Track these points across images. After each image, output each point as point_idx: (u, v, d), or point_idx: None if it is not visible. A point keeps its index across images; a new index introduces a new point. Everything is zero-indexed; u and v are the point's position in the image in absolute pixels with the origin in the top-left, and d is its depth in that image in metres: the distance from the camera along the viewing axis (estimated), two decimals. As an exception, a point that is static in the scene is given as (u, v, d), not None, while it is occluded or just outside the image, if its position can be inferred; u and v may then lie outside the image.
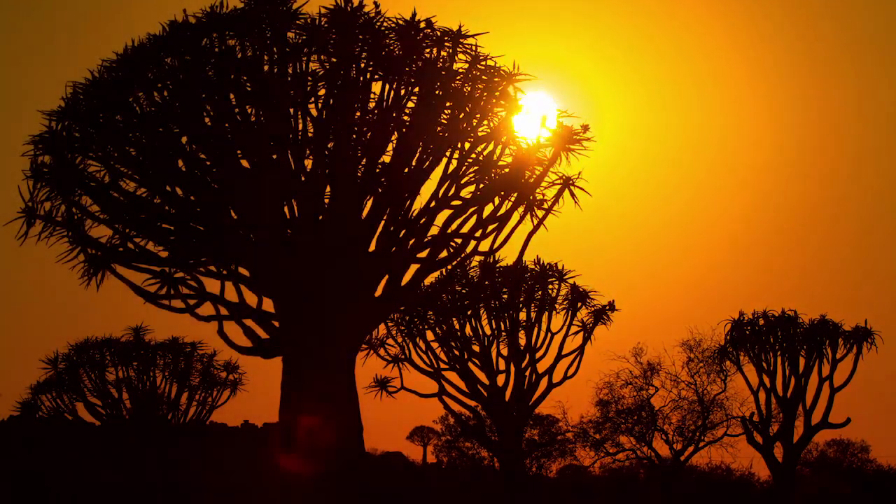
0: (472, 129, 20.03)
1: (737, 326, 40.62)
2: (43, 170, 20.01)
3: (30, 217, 20.09)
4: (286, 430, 19.98)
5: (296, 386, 19.95)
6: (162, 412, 36.23)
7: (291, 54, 19.50)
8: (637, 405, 45.59)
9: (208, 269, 20.34)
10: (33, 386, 36.05)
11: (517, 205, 20.47)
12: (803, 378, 39.92)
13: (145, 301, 20.20)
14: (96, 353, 35.94)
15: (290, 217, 19.91)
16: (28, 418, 37.76)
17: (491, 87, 19.95)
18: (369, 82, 19.67)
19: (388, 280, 20.38)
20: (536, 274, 34.95)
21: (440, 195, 20.08)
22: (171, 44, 19.67)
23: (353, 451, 19.94)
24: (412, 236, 20.16)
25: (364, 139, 19.74)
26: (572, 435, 48.81)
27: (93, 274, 20.04)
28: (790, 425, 39.88)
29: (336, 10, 19.53)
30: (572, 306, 35.10)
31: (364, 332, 21.10)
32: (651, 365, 45.84)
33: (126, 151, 19.89)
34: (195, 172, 19.75)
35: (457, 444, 61.23)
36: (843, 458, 56.53)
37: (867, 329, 39.82)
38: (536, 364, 35.02)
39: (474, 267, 34.75)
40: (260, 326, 20.43)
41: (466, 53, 19.87)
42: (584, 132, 20.32)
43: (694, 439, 44.86)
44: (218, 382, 36.99)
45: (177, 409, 36.47)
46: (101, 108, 19.90)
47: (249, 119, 19.58)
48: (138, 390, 35.99)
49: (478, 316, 35.01)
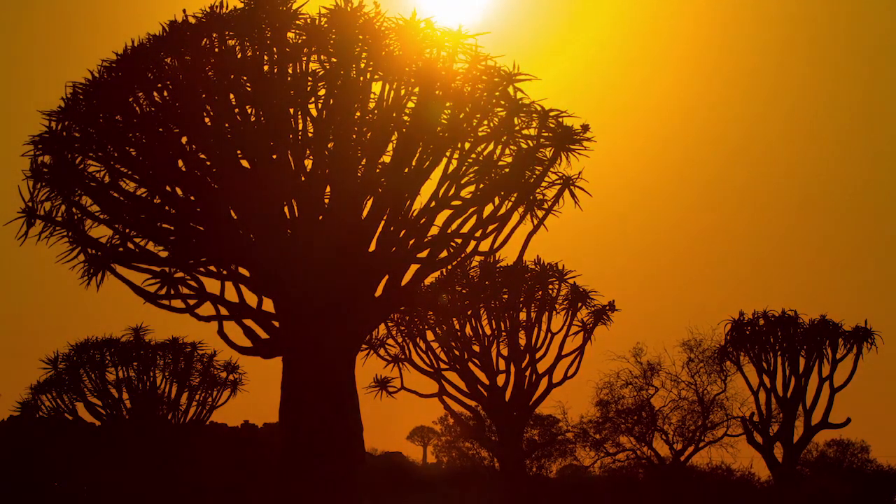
0: (472, 129, 20.02)
1: (737, 326, 40.60)
2: (43, 170, 20.01)
3: (30, 217, 20.08)
4: (286, 430, 19.98)
5: (296, 386, 19.95)
6: (162, 412, 36.21)
7: (291, 54, 19.51)
8: (637, 405, 45.59)
9: (208, 269, 20.34)
10: (33, 386, 36.04)
11: (517, 205, 20.46)
12: (803, 378, 39.91)
13: (145, 301, 20.20)
14: (96, 353, 35.92)
15: (290, 217, 19.91)
16: (28, 418, 37.76)
17: (491, 87, 19.94)
18: (369, 82, 19.67)
19: (388, 280, 20.38)
20: (536, 274, 34.95)
21: (440, 195, 20.07)
22: (171, 44, 19.67)
23: (353, 451, 19.94)
24: (412, 236, 20.15)
25: (364, 139, 19.74)
26: (572, 435, 48.82)
27: (93, 274, 20.04)
28: (790, 425, 39.88)
29: (336, 10, 19.53)
30: (572, 306, 35.10)
31: (364, 332, 21.09)
32: (651, 365, 45.84)
33: (126, 151, 19.89)
34: (195, 172, 19.75)
35: (457, 444, 61.22)
36: (843, 458, 56.49)
37: (867, 329, 39.82)
38: (536, 364, 35.03)
39: (474, 267, 34.76)
40: (260, 326, 20.43)
41: (466, 53, 19.87)
42: (584, 132, 20.31)
43: (694, 439, 44.86)
44: (218, 382, 36.97)
45: (177, 409, 36.45)
46: (101, 108, 19.89)
47: (249, 119, 19.58)
48: (138, 390, 35.97)
49: (478, 316, 35.03)
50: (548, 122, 20.14)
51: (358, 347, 20.75)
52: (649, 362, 45.84)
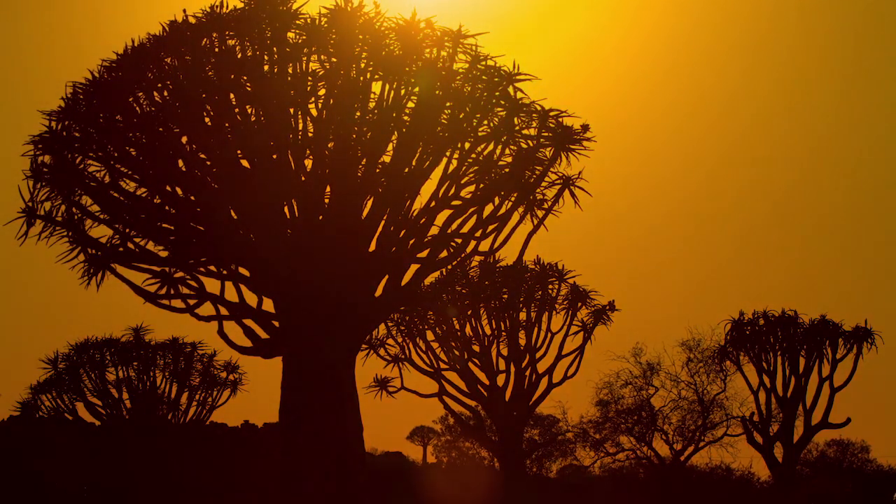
0: (472, 129, 20.02)
1: (737, 326, 40.60)
2: (43, 170, 20.00)
3: (30, 217, 20.08)
4: (286, 430, 19.98)
5: (296, 386, 19.95)
6: (162, 412, 36.21)
7: (291, 54, 19.50)
8: (637, 405, 45.60)
9: (208, 269, 20.33)
10: (33, 386, 36.04)
11: (517, 205, 20.46)
12: (803, 378, 39.91)
13: (145, 301, 20.19)
14: (96, 353, 35.92)
15: (290, 217, 19.91)
16: (28, 418, 37.76)
17: (491, 87, 19.94)
18: (369, 82, 19.67)
19: (388, 280, 20.37)
20: (536, 274, 34.97)
21: (440, 195, 20.07)
22: (171, 44, 19.67)
23: (353, 451, 19.94)
24: (412, 236, 20.15)
25: (364, 139, 19.74)
26: (572, 435, 48.86)
27: (93, 274, 20.04)
28: (790, 425, 39.88)
29: (336, 10, 19.52)
30: (572, 306, 35.13)
31: (364, 332, 21.09)
32: (651, 365, 45.86)
33: (126, 151, 19.88)
34: (195, 172, 19.75)
35: (457, 444, 61.27)
36: (843, 458, 56.51)
37: (867, 329, 39.82)
38: (536, 364, 35.05)
39: (474, 267, 34.77)
40: (260, 326, 20.43)
41: (466, 53, 19.87)
42: (583, 132, 20.31)
43: (694, 439, 44.88)
44: (218, 382, 36.97)
45: (177, 409, 36.45)
46: (101, 108, 19.89)
47: (249, 119, 19.58)
48: (138, 390, 35.98)
49: (478, 316, 35.04)
50: (548, 121, 20.15)
51: (358, 347, 20.75)
52: (649, 362, 45.89)
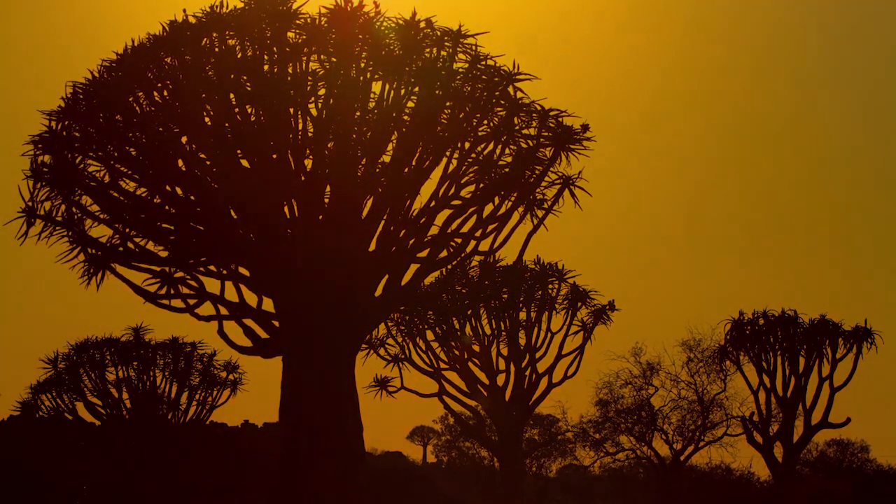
0: (472, 129, 20.03)
1: (737, 326, 40.57)
2: (43, 169, 20.02)
3: (30, 217, 20.10)
4: (286, 430, 19.98)
5: (296, 386, 19.96)
6: (162, 412, 36.18)
7: (291, 54, 19.51)
8: (637, 405, 45.57)
9: (208, 268, 20.35)
10: (33, 386, 35.99)
11: (517, 205, 20.47)
12: (803, 378, 39.88)
13: (145, 301, 20.21)
14: (96, 353, 35.87)
15: (290, 217, 19.91)
16: (28, 418, 37.74)
17: (491, 86, 19.95)
18: (369, 82, 19.67)
19: (388, 280, 20.38)
20: (536, 274, 34.97)
21: (440, 195, 20.08)
22: (171, 44, 19.68)
23: (353, 450, 19.94)
24: (412, 236, 20.16)
25: (364, 139, 19.75)
26: (572, 435, 48.84)
27: (93, 274, 20.06)
28: (790, 425, 39.85)
29: (336, 10, 19.54)
30: (572, 306, 35.12)
31: (364, 332, 21.10)
32: (651, 365, 45.83)
33: (126, 151, 19.90)
34: (195, 172, 19.76)
35: (457, 444, 61.27)
36: (843, 458, 56.49)
37: (867, 329, 39.79)
38: (536, 364, 35.04)
39: (474, 267, 34.77)
40: (260, 326, 20.43)
41: (466, 53, 19.88)
42: (583, 132, 20.32)
43: (694, 439, 44.84)
44: (218, 382, 36.92)
45: (177, 409, 36.41)
46: (101, 108, 19.91)
47: (249, 119, 19.58)
48: (138, 390, 35.94)
49: (478, 316, 35.04)
50: (548, 121, 20.16)
51: (358, 347, 20.76)
52: (649, 362, 45.85)
